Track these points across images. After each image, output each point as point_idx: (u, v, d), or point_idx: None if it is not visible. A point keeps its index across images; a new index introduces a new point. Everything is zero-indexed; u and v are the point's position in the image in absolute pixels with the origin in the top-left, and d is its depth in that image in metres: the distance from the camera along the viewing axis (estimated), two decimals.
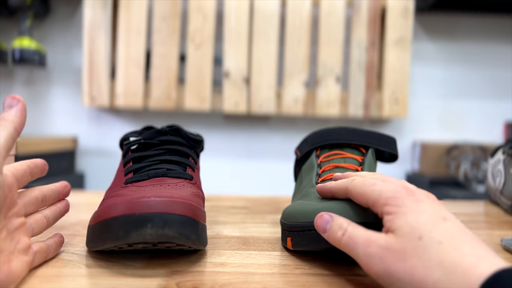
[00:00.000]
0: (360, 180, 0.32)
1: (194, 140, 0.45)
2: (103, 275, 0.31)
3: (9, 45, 1.42)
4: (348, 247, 0.29)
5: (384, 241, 0.27)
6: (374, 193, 0.30)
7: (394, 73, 1.38)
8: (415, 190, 0.30)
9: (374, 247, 0.27)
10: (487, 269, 0.23)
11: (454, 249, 0.24)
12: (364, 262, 0.28)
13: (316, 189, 0.37)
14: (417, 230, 0.26)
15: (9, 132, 0.29)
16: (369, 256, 0.27)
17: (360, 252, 0.28)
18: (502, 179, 0.59)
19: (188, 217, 0.31)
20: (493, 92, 1.55)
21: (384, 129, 1.52)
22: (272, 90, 1.36)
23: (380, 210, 0.29)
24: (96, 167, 1.51)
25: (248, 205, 0.59)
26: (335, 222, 0.31)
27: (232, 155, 1.52)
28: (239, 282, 0.30)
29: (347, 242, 0.29)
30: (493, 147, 1.37)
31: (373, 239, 0.28)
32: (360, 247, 0.28)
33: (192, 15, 1.35)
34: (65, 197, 0.38)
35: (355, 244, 0.28)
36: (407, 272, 0.25)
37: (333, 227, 0.30)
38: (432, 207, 0.28)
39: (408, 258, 0.25)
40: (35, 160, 0.35)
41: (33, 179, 0.34)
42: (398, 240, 0.26)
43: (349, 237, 0.29)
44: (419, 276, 0.24)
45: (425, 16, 1.51)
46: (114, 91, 1.37)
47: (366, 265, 0.28)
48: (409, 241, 0.26)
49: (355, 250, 0.28)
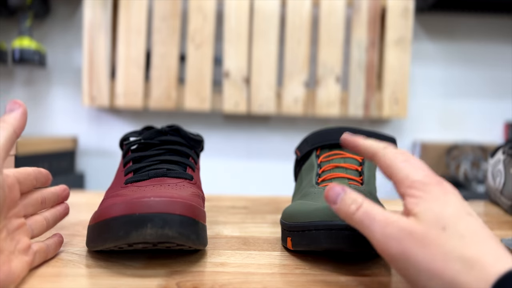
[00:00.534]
0: (393, 152, 0.30)
1: (194, 140, 0.45)
2: (103, 275, 0.31)
3: (9, 45, 1.42)
4: (363, 224, 0.28)
5: (405, 223, 0.26)
6: (403, 171, 0.29)
7: (394, 73, 1.38)
8: (443, 181, 0.29)
9: (393, 227, 0.26)
10: (503, 267, 0.23)
11: (475, 244, 0.24)
12: (381, 242, 0.27)
13: (342, 138, 0.34)
14: (442, 220, 0.26)
15: (9, 133, 0.29)
16: (387, 237, 0.26)
17: (377, 230, 0.27)
18: (502, 179, 0.59)
19: (188, 217, 0.31)
20: (493, 92, 1.55)
21: (384, 129, 1.52)
22: (272, 90, 1.36)
23: (403, 190, 0.28)
24: (96, 167, 1.51)
25: (248, 205, 0.59)
26: (348, 195, 0.29)
27: (232, 155, 1.52)
28: (239, 282, 0.30)
29: (362, 218, 0.28)
30: (493, 147, 1.37)
31: (393, 219, 0.27)
32: (378, 225, 0.27)
33: (192, 15, 1.35)
34: (64, 200, 0.38)
35: (371, 221, 0.27)
36: (425, 260, 0.25)
37: (346, 201, 0.29)
38: (458, 201, 0.28)
39: (429, 246, 0.25)
40: (40, 168, 0.35)
41: (38, 185, 0.34)
42: (420, 225, 0.26)
43: (365, 213, 0.28)
44: (437, 265, 0.24)
45: (425, 16, 1.51)
46: (114, 91, 1.37)
47: (381, 246, 0.27)
48: (432, 228, 0.25)
49: (371, 227, 0.27)
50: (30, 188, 0.33)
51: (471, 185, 1.36)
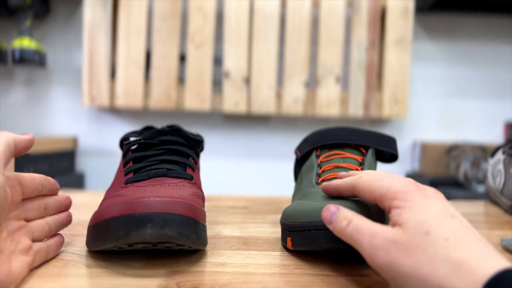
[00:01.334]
0: (368, 177, 0.32)
1: (194, 140, 0.45)
2: (103, 275, 0.31)
3: (9, 45, 1.42)
4: (353, 238, 0.29)
5: (391, 234, 0.27)
6: (382, 188, 0.30)
7: (394, 73, 1.38)
8: (424, 186, 0.30)
9: (379, 238, 0.27)
10: (492, 268, 0.23)
11: (460, 246, 0.24)
12: (369, 254, 0.27)
13: (321, 187, 0.37)
14: (424, 225, 0.26)
15: (10, 138, 0.30)
16: (374, 248, 0.27)
17: (365, 243, 0.28)
18: (502, 179, 0.59)
19: (188, 217, 0.31)
20: (493, 92, 1.55)
21: (384, 129, 1.52)
22: (272, 90, 1.36)
23: (388, 204, 0.29)
24: (96, 167, 1.51)
25: (248, 205, 0.59)
26: (341, 213, 0.31)
27: (232, 155, 1.52)
28: (239, 282, 0.30)
29: (352, 233, 0.29)
30: (493, 147, 1.37)
31: (379, 231, 0.28)
32: (365, 238, 0.28)
33: (192, 15, 1.35)
34: (66, 209, 0.38)
35: (359, 235, 0.28)
36: (412, 267, 0.25)
37: (339, 218, 0.30)
38: (440, 204, 0.28)
39: (414, 252, 0.25)
40: (48, 177, 0.35)
41: (44, 192, 0.34)
42: (405, 234, 0.26)
43: (354, 228, 0.29)
44: (424, 271, 0.24)
45: (425, 16, 1.51)
46: (114, 91, 1.37)
47: (370, 257, 0.27)
48: (416, 235, 0.26)
49: (360, 241, 0.28)
50: (34, 193, 0.33)
51: (471, 185, 1.37)
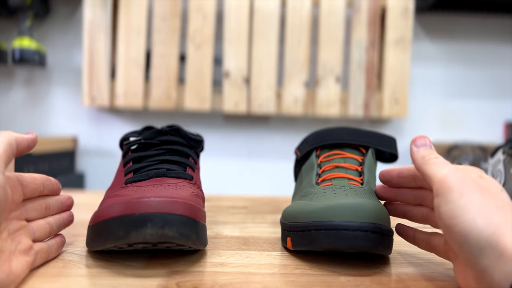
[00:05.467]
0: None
1: (194, 140, 0.45)
2: (103, 275, 0.31)
3: (9, 45, 1.42)
4: (424, 172, 0.30)
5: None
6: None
7: (394, 73, 1.38)
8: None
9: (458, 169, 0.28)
10: None
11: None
12: (440, 181, 0.28)
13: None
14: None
15: (13, 136, 0.30)
16: (445, 175, 0.28)
17: (438, 171, 0.29)
18: (502, 179, 0.59)
19: (188, 217, 0.31)
20: (493, 92, 1.55)
21: (384, 129, 1.52)
22: (272, 90, 1.36)
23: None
24: (96, 167, 1.51)
25: (248, 205, 0.59)
26: (431, 151, 0.31)
27: (232, 155, 1.52)
28: (239, 282, 0.30)
29: (424, 168, 0.30)
30: (493, 147, 1.37)
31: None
32: (438, 166, 0.29)
33: (192, 15, 1.35)
34: (68, 209, 0.38)
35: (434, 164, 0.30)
36: (479, 203, 0.25)
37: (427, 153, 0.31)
38: None
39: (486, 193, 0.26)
40: (49, 177, 0.35)
41: (46, 192, 0.34)
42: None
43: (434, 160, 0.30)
44: (488, 211, 0.25)
45: (425, 16, 1.51)
46: (114, 91, 1.37)
47: (441, 183, 0.28)
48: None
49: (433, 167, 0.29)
50: (36, 193, 0.33)
51: None
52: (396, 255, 0.38)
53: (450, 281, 0.32)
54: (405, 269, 0.34)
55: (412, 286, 0.31)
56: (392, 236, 0.34)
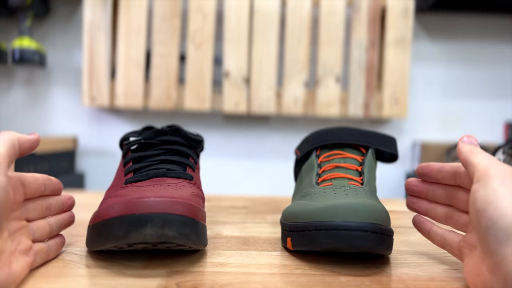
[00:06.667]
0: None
1: (194, 140, 0.45)
2: (103, 275, 0.31)
3: (9, 45, 1.42)
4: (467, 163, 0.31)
5: None
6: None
7: (394, 73, 1.38)
8: None
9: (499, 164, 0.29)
10: None
11: None
12: (483, 169, 0.29)
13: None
14: None
15: (15, 136, 0.29)
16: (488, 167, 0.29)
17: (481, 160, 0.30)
18: None
19: (188, 217, 0.31)
20: (493, 92, 1.55)
21: (384, 129, 1.52)
22: (272, 90, 1.36)
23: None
24: (96, 167, 1.51)
25: (248, 205, 0.59)
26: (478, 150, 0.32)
27: (232, 155, 1.52)
28: (239, 282, 0.30)
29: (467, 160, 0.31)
30: (493, 147, 1.37)
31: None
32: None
33: (192, 15, 1.35)
34: (69, 209, 0.38)
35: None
36: None
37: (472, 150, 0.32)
38: None
39: None
40: (50, 176, 0.35)
41: (47, 192, 0.34)
42: None
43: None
44: None
45: (425, 16, 1.51)
46: (114, 91, 1.37)
47: (482, 171, 0.29)
48: None
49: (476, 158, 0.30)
50: (36, 193, 0.33)
51: None
52: (396, 255, 0.38)
53: (450, 281, 0.32)
54: (405, 269, 0.34)
55: (412, 286, 0.31)
56: (392, 236, 0.34)
